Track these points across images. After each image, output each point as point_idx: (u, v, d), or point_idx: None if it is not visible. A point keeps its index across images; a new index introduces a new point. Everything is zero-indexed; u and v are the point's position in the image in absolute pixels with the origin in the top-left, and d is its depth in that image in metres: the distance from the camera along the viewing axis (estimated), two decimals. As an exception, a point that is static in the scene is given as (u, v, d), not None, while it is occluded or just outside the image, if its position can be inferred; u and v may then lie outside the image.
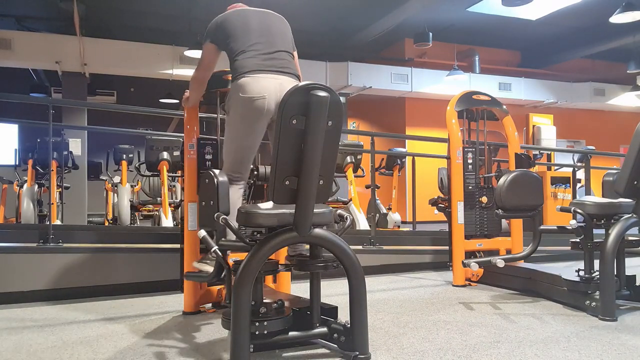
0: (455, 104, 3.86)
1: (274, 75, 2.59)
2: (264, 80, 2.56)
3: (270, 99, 2.55)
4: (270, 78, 2.57)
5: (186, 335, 2.49)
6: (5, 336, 2.49)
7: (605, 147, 10.59)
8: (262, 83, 2.55)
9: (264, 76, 2.57)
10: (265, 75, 2.57)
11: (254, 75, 2.56)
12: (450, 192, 3.82)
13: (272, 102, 2.55)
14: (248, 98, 2.54)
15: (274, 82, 2.57)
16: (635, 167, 2.74)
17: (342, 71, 10.61)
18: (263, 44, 2.65)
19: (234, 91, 2.62)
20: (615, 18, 7.54)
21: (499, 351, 2.20)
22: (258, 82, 2.55)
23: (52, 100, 7.79)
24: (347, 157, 5.79)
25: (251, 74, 2.57)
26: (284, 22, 2.87)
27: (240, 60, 2.63)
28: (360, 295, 2.06)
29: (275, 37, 2.73)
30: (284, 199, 1.95)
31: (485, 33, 11.21)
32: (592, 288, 2.86)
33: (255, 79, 2.55)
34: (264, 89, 2.54)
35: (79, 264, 3.42)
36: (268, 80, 2.56)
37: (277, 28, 2.79)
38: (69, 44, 8.97)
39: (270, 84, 2.56)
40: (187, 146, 2.98)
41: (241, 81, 2.58)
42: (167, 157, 5.53)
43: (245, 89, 2.55)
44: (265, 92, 2.54)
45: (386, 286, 3.78)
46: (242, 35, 2.66)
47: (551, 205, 6.20)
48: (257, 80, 2.55)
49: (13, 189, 6.54)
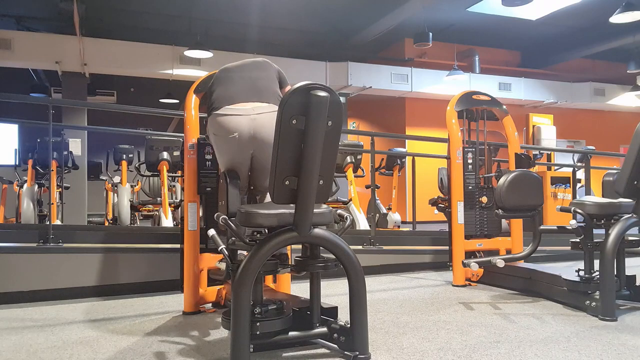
0: (455, 104, 3.86)
1: (247, 105, 2.58)
2: (236, 117, 2.57)
3: (242, 136, 2.57)
4: (241, 112, 2.56)
5: (186, 335, 2.49)
6: (5, 336, 2.49)
7: (605, 147, 10.60)
8: (233, 120, 2.57)
9: (237, 109, 2.57)
10: (237, 107, 2.57)
11: (225, 110, 2.58)
12: (450, 192, 3.82)
13: (244, 138, 2.57)
14: (221, 136, 2.61)
15: (245, 118, 2.56)
16: (635, 167, 2.74)
17: (342, 71, 10.61)
18: (242, 79, 2.69)
19: (210, 123, 2.68)
20: (615, 18, 7.54)
21: (499, 351, 2.20)
22: (230, 119, 2.57)
23: (52, 100, 7.77)
24: (347, 157, 5.79)
25: (224, 107, 2.59)
26: (269, 66, 2.81)
27: (216, 93, 2.67)
28: (360, 295, 2.06)
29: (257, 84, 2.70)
30: (284, 199, 1.95)
31: (485, 33, 11.21)
32: (592, 288, 2.86)
33: (227, 116, 2.57)
34: (236, 127, 2.57)
35: (79, 264, 3.42)
36: (239, 118, 2.56)
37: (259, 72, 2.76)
38: (69, 44, 8.97)
39: (241, 121, 2.56)
40: (187, 146, 2.98)
41: (214, 117, 2.61)
42: (167, 157, 5.53)
43: (218, 126, 2.60)
44: (236, 131, 2.57)
45: (386, 286, 3.78)
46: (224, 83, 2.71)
47: (551, 205, 6.21)
48: (229, 118, 2.57)
49: (13, 189, 6.54)
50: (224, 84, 2.70)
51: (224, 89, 2.67)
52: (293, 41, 10.34)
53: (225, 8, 8.98)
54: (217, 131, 2.62)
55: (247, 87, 2.66)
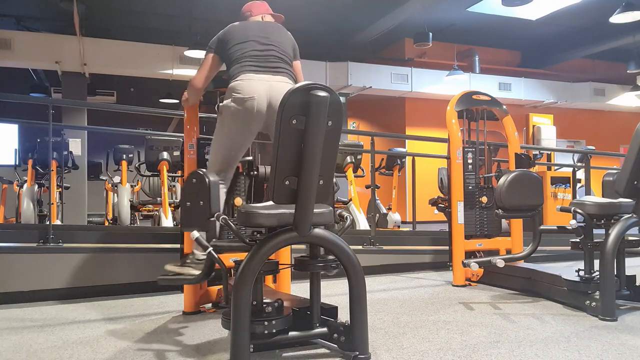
0: (455, 104, 3.86)
1: (265, 75, 2.69)
2: (254, 82, 2.66)
3: (260, 99, 2.64)
4: (259, 80, 2.67)
5: (186, 335, 2.49)
6: (5, 336, 2.49)
7: (605, 147, 10.58)
8: (251, 84, 2.65)
9: (255, 77, 2.67)
10: (255, 75, 2.67)
11: (244, 77, 2.67)
12: (450, 192, 3.82)
13: (262, 102, 2.65)
14: (239, 98, 2.64)
15: (263, 83, 2.67)
16: (635, 167, 2.74)
17: (342, 71, 10.61)
18: (258, 51, 2.74)
19: (227, 94, 2.72)
20: (615, 18, 7.54)
21: (499, 351, 2.20)
22: (248, 83, 2.65)
23: (52, 100, 7.78)
24: (347, 157, 5.79)
25: (242, 75, 2.68)
26: (283, 32, 2.93)
27: (234, 66, 2.74)
28: (360, 295, 2.06)
29: (271, 45, 2.80)
30: (284, 199, 1.95)
31: (485, 33, 11.21)
32: (592, 288, 2.86)
33: (245, 81, 2.66)
34: (253, 90, 2.64)
35: (79, 264, 3.42)
36: (257, 82, 2.66)
37: (276, 37, 2.86)
38: (68, 44, 8.97)
39: (259, 85, 2.66)
40: (187, 146, 2.98)
41: (233, 84, 2.69)
42: (167, 157, 5.53)
43: (236, 90, 2.66)
44: (255, 93, 2.64)
45: (386, 286, 3.78)
46: (240, 45, 2.76)
47: (551, 205, 6.20)
48: (247, 82, 2.66)
49: (13, 189, 6.54)
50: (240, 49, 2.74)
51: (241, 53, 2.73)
52: (293, 41, 10.31)
53: (225, 8, 8.97)
54: (237, 92, 2.63)
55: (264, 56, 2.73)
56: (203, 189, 2.22)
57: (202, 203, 2.20)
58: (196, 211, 2.25)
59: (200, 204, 2.22)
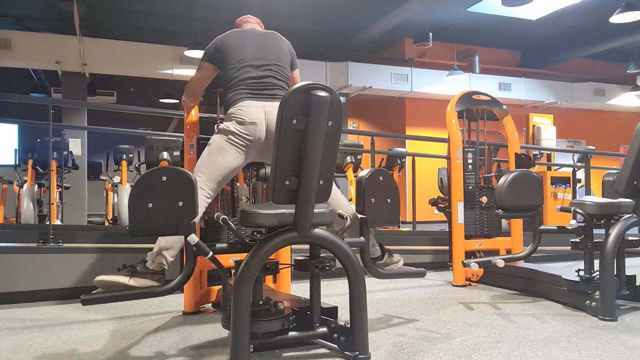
0: (455, 104, 3.86)
1: (261, 102, 2.68)
2: (253, 108, 2.66)
3: (261, 126, 2.64)
4: (257, 106, 2.66)
5: (186, 335, 2.49)
6: (5, 336, 2.49)
7: (605, 147, 10.59)
8: (252, 110, 2.65)
9: (253, 104, 2.66)
10: (253, 102, 2.67)
11: (243, 105, 2.66)
12: (450, 192, 3.82)
13: (262, 128, 2.64)
14: (242, 121, 2.63)
15: (262, 110, 2.65)
16: (635, 167, 2.74)
17: (342, 71, 10.61)
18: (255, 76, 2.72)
19: (227, 118, 2.71)
20: (615, 18, 7.54)
21: (499, 351, 2.20)
22: (248, 110, 2.65)
23: (52, 100, 7.76)
24: (347, 157, 5.79)
25: (241, 102, 2.67)
26: (281, 41, 2.91)
27: (231, 93, 2.72)
28: (360, 295, 2.06)
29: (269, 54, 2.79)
30: (284, 199, 1.94)
31: (485, 33, 11.21)
32: (592, 288, 2.86)
33: (244, 108, 2.65)
34: (254, 116, 2.64)
35: (79, 264, 3.42)
36: (256, 109, 2.66)
37: (273, 46, 2.84)
38: (69, 44, 8.97)
39: (259, 112, 2.65)
40: (187, 146, 2.98)
41: (232, 110, 2.67)
42: (167, 157, 5.53)
43: (238, 115, 2.64)
44: (257, 119, 2.64)
45: (386, 286, 3.78)
46: (236, 68, 2.74)
47: (551, 205, 6.20)
48: (247, 109, 2.65)
49: (13, 189, 6.54)
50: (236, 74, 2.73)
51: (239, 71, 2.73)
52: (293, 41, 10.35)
53: (225, 8, 8.98)
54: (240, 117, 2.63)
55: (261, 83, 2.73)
56: (185, 187, 2.00)
57: (181, 204, 1.99)
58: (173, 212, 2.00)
59: (179, 205, 1.99)
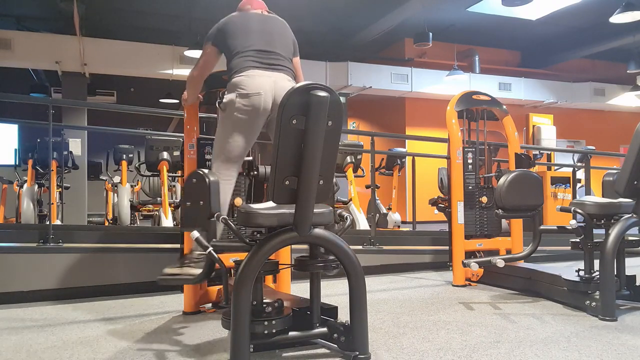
0: (455, 104, 3.86)
1: (268, 72, 2.64)
2: (259, 77, 2.61)
3: (267, 96, 2.60)
4: (264, 76, 2.62)
5: (186, 335, 2.49)
6: (5, 336, 2.49)
7: (605, 147, 10.58)
8: (256, 80, 2.60)
9: (259, 73, 2.62)
10: (260, 72, 2.63)
11: (248, 73, 2.62)
12: (450, 192, 3.82)
13: (268, 98, 2.61)
14: (244, 94, 2.59)
15: (268, 79, 2.62)
16: (635, 167, 2.74)
17: (342, 71, 10.61)
18: (260, 45, 2.70)
19: (230, 89, 2.66)
20: (615, 18, 7.54)
21: (499, 351, 2.20)
22: (253, 79, 2.60)
23: (52, 100, 7.78)
24: (347, 157, 5.79)
25: (246, 71, 2.62)
26: (285, 27, 2.92)
27: (236, 60, 2.68)
28: (360, 295, 2.06)
29: (274, 39, 2.78)
30: (284, 199, 1.94)
31: (485, 33, 11.21)
32: (592, 288, 2.85)
33: (250, 76, 2.61)
34: (259, 86, 2.59)
35: (79, 264, 3.42)
36: (262, 78, 2.61)
37: (278, 32, 2.84)
38: (68, 44, 8.97)
39: (265, 81, 2.61)
40: (187, 146, 2.98)
41: (237, 79, 2.63)
42: (167, 157, 5.53)
43: (241, 86, 2.60)
44: (261, 89, 2.59)
45: (386, 286, 3.78)
46: (242, 37, 2.72)
47: (551, 205, 6.20)
48: (252, 78, 2.60)
49: (13, 189, 6.54)
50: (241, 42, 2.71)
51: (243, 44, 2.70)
52: (293, 41, 10.34)
53: (225, 8, 8.98)
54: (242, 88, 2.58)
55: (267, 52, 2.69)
56: (203, 188, 2.21)
57: (202, 203, 2.19)
58: (196, 211, 2.25)
59: (200, 204, 2.20)
